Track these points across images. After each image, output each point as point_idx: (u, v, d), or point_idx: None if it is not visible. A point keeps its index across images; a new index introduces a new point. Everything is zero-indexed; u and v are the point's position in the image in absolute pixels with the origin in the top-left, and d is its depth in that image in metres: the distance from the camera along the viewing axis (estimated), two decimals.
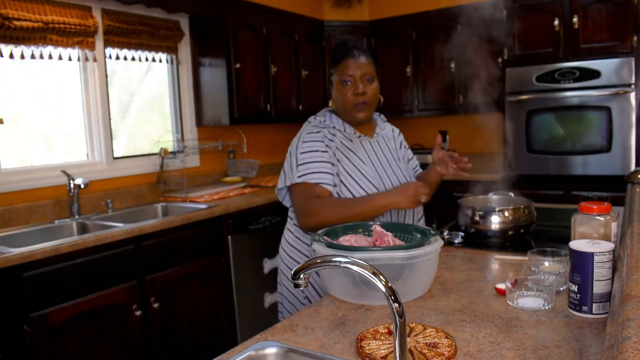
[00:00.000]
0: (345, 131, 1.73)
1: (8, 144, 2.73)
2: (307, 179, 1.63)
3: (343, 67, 1.68)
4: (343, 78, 1.68)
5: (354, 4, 4.63)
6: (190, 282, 2.79)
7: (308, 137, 1.69)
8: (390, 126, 1.94)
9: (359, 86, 1.67)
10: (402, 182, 1.77)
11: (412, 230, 1.46)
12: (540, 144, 3.63)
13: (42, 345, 2.09)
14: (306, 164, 1.65)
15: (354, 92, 1.67)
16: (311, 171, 1.64)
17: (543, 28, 3.64)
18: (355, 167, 1.69)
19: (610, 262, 1.09)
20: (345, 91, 1.68)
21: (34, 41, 2.68)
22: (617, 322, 0.65)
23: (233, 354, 1.03)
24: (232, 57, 3.51)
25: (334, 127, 1.73)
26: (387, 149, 1.84)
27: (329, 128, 1.73)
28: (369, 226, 1.50)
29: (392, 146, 1.87)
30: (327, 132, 1.71)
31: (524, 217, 1.79)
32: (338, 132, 1.73)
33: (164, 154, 3.32)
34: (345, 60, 1.68)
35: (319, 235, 1.38)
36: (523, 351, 0.98)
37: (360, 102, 1.68)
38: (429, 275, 1.33)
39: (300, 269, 0.86)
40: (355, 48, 1.70)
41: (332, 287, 1.37)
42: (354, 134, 1.74)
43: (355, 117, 1.71)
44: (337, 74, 1.70)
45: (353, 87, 1.67)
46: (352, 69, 1.67)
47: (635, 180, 1.72)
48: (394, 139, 1.91)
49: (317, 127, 1.72)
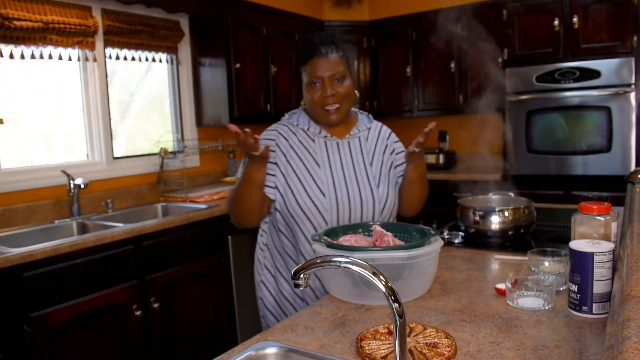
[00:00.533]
0: (309, 130, 1.63)
1: (8, 144, 2.73)
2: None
3: (311, 68, 1.56)
4: (311, 79, 1.56)
5: (354, 4, 4.63)
6: (190, 282, 2.79)
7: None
8: (379, 128, 1.75)
9: (327, 89, 1.54)
10: (365, 190, 1.61)
11: (412, 231, 1.46)
12: (540, 144, 3.63)
13: (42, 345, 2.09)
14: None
15: (323, 95, 1.55)
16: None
17: (543, 28, 3.64)
18: (306, 169, 1.58)
19: (610, 262, 1.09)
20: (314, 92, 1.56)
21: (34, 41, 2.68)
22: (617, 322, 0.65)
23: (233, 354, 1.03)
24: (232, 57, 3.51)
25: (296, 125, 1.64)
26: (359, 151, 1.67)
27: (291, 126, 1.65)
28: (369, 226, 1.49)
29: (369, 149, 1.69)
30: (285, 130, 1.63)
31: (524, 217, 1.79)
32: (301, 130, 1.64)
33: (164, 154, 3.32)
34: (313, 60, 1.56)
35: (318, 235, 1.38)
36: (523, 351, 0.98)
37: (330, 104, 1.56)
38: (429, 275, 1.33)
39: (300, 269, 0.86)
40: (324, 45, 1.56)
41: (332, 288, 1.37)
42: (318, 134, 1.62)
43: (325, 120, 1.59)
44: (306, 74, 1.59)
45: (321, 89, 1.55)
46: (321, 69, 1.54)
47: (635, 180, 1.72)
48: (377, 141, 1.71)
49: (277, 125, 1.66)
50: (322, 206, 1.54)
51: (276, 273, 1.67)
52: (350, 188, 1.60)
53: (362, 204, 1.59)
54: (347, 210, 1.57)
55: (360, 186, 1.61)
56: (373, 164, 1.67)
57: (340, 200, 1.56)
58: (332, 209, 1.55)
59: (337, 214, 1.56)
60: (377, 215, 1.62)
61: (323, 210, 1.54)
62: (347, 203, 1.57)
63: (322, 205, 1.54)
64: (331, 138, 1.63)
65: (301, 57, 1.60)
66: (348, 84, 1.58)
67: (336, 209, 1.56)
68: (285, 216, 1.58)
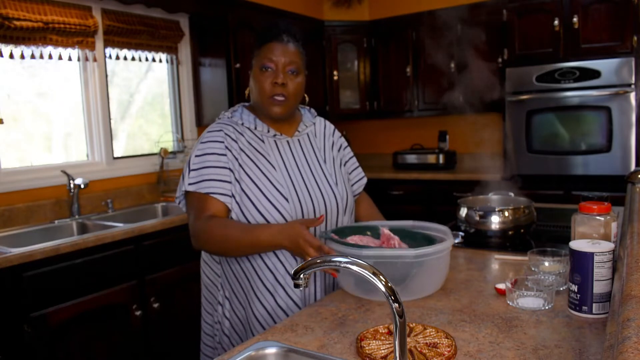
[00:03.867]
0: (256, 129, 1.49)
1: (8, 144, 2.73)
2: (198, 188, 1.40)
3: (266, 51, 1.43)
4: (264, 63, 1.42)
5: (354, 4, 4.63)
6: (190, 282, 2.78)
7: (206, 137, 1.45)
8: (323, 123, 1.67)
9: (280, 75, 1.41)
10: (325, 190, 1.50)
11: (420, 238, 1.45)
12: (540, 144, 3.63)
13: (42, 345, 2.10)
14: (199, 170, 1.41)
15: (273, 81, 1.41)
16: (203, 178, 1.40)
17: (543, 28, 3.64)
18: (262, 172, 1.43)
19: (610, 262, 1.09)
20: (264, 79, 1.42)
21: (34, 41, 2.68)
22: (617, 322, 0.65)
23: (233, 354, 1.03)
24: (232, 57, 3.51)
25: (242, 124, 1.49)
26: (311, 149, 1.56)
27: (236, 125, 1.48)
28: (377, 229, 1.49)
29: (319, 146, 1.60)
30: (231, 130, 1.46)
31: (524, 217, 1.79)
32: (247, 129, 1.48)
33: (164, 154, 3.32)
34: (270, 44, 1.43)
35: (328, 233, 1.38)
36: (523, 351, 0.98)
37: (278, 94, 1.42)
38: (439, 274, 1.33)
39: (300, 269, 0.86)
40: (286, 32, 1.45)
41: (343, 282, 1.38)
42: (266, 133, 1.49)
43: (269, 111, 1.45)
44: (258, 58, 1.45)
45: (273, 75, 1.42)
46: (277, 54, 1.42)
47: (635, 180, 1.72)
48: (324, 137, 1.63)
49: (220, 125, 1.47)
50: (286, 211, 1.41)
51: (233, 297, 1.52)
52: (311, 189, 1.48)
53: (325, 205, 1.49)
54: (312, 213, 1.46)
55: (320, 186, 1.51)
56: (327, 162, 1.58)
57: (303, 202, 1.45)
58: (296, 213, 1.42)
59: (302, 218, 1.44)
60: (342, 215, 1.53)
61: (287, 216, 1.41)
62: (311, 205, 1.46)
63: (286, 210, 1.41)
64: (281, 137, 1.51)
65: (258, 39, 1.47)
66: (300, 80, 1.47)
67: (301, 213, 1.44)
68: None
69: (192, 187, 1.41)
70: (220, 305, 1.55)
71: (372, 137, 4.99)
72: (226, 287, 1.53)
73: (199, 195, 1.41)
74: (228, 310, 1.53)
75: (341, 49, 4.56)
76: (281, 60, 1.42)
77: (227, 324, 1.53)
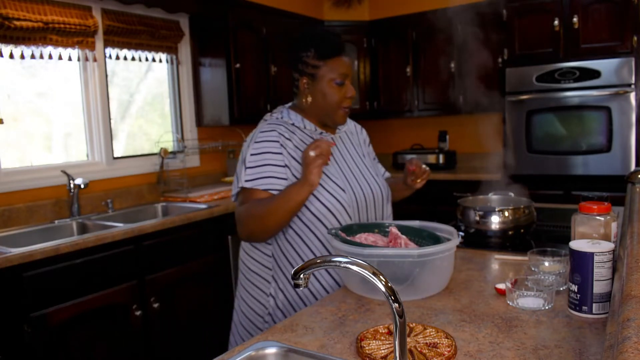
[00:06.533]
0: (305, 128, 1.59)
1: (8, 144, 2.73)
2: (255, 185, 1.48)
3: (337, 65, 1.54)
4: (335, 77, 1.53)
5: (354, 3, 4.63)
6: (190, 282, 2.79)
7: (260, 137, 1.53)
8: (353, 122, 1.83)
9: (350, 89, 1.56)
10: (372, 182, 1.65)
11: (427, 237, 1.46)
12: (540, 144, 3.63)
13: (42, 345, 2.10)
14: (256, 168, 1.49)
15: (345, 95, 1.55)
16: (260, 175, 1.48)
17: (543, 28, 3.64)
18: None
19: (610, 262, 1.09)
20: (335, 92, 1.54)
21: (34, 41, 2.68)
22: (617, 322, 0.65)
23: (233, 354, 1.03)
24: (232, 57, 3.51)
25: (292, 124, 1.58)
26: (351, 145, 1.72)
27: (286, 125, 1.57)
28: (385, 226, 1.50)
29: (356, 142, 1.76)
30: (283, 130, 1.54)
31: (524, 217, 1.79)
32: (297, 129, 1.58)
33: (164, 154, 3.32)
34: (337, 59, 1.54)
35: (335, 230, 1.39)
36: (523, 351, 0.98)
37: (347, 106, 1.58)
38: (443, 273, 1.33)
39: (300, 269, 0.86)
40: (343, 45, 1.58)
41: (348, 282, 1.38)
42: (314, 131, 1.60)
43: (337, 119, 1.59)
44: (326, 71, 1.54)
45: (345, 89, 1.55)
46: (345, 68, 1.54)
47: (635, 180, 1.72)
48: (357, 135, 1.80)
49: (271, 125, 1.55)
50: (344, 200, 1.53)
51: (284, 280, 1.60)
52: (360, 181, 1.62)
53: (373, 195, 1.63)
54: (364, 203, 1.59)
55: (366, 178, 1.65)
56: (365, 157, 1.74)
57: (357, 193, 1.58)
58: (352, 203, 1.55)
59: (357, 208, 1.57)
60: (385, 203, 1.68)
61: (347, 205, 1.53)
62: (363, 196, 1.59)
63: (344, 200, 1.53)
64: (326, 134, 1.63)
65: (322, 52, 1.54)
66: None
67: (356, 203, 1.57)
68: (306, 219, 1.51)
69: (249, 184, 1.49)
70: (272, 297, 1.60)
71: (372, 137, 4.92)
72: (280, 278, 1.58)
73: (255, 192, 1.49)
74: (281, 301, 1.58)
75: None
76: (348, 74, 1.56)
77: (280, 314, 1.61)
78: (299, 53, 1.58)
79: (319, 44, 1.56)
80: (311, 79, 1.57)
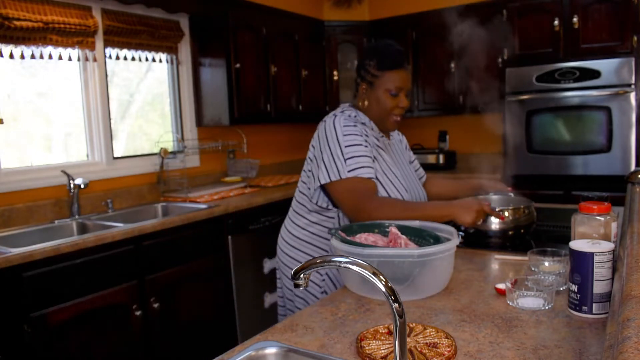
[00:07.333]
0: (373, 130, 1.75)
1: (8, 144, 2.73)
2: (359, 174, 1.59)
3: (396, 77, 1.68)
4: (392, 89, 1.68)
5: (354, 3, 4.63)
6: (191, 282, 2.79)
7: (347, 130, 1.64)
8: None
9: (403, 100, 1.70)
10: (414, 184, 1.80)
11: (427, 237, 1.46)
12: (540, 144, 3.63)
13: (42, 345, 2.10)
14: (354, 158, 1.60)
15: (397, 105, 1.70)
16: (361, 165, 1.60)
17: (543, 28, 3.64)
18: (387, 166, 1.71)
19: (610, 262, 1.09)
20: (390, 101, 1.69)
21: (34, 41, 2.68)
22: (617, 322, 0.65)
23: (233, 354, 1.03)
24: (232, 57, 3.51)
25: (363, 124, 1.72)
26: (399, 151, 1.89)
27: (360, 124, 1.70)
28: (385, 226, 1.50)
29: (402, 149, 1.93)
30: (361, 126, 1.69)
31: (524, 217, 1.79)
32: (369, 129, 1.74)
33: (164, 154, 3.32)
34: (400, 70, 1.68)
35: (335, 230, 1.39)
36: (523, 351, 0.98)
37: (398, 115, 1.72)
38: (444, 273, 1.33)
39: (300, 269, 0.86)
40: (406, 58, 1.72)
41: (348, 282, 1.38)
42: (378, 134, 1.77)
43: (388, 126, 1.75)
44: (384, 81, 1.68)
45: (398, 99, 1.69)
46: (405, 82, 1.69)
47: (635, 180, 1.72)
48: (400, 141, 1.98)
49: (350, 120, 1.67)
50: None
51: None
52: (413, 184, 1.80)
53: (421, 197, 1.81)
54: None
55: (415, 182, 1.83)
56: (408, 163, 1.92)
57: (413, 195, 1.76)
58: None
59: None
60: None
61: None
62: (417, 198, 1.78)
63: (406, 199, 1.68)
64: (384, 139, 1.80)
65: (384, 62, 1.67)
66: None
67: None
68: None
69: (352, 174, 1.59)
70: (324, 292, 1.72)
71: None
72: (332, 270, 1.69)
73: (361, 180, 1.59)
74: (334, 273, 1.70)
75: (341, 49, 4.56)
76: (404, 87, 1.70)
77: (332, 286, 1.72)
78: (363, 61, 1.73)
79: (381, 55, 1.69)
80: (369, 86, 1.71)
